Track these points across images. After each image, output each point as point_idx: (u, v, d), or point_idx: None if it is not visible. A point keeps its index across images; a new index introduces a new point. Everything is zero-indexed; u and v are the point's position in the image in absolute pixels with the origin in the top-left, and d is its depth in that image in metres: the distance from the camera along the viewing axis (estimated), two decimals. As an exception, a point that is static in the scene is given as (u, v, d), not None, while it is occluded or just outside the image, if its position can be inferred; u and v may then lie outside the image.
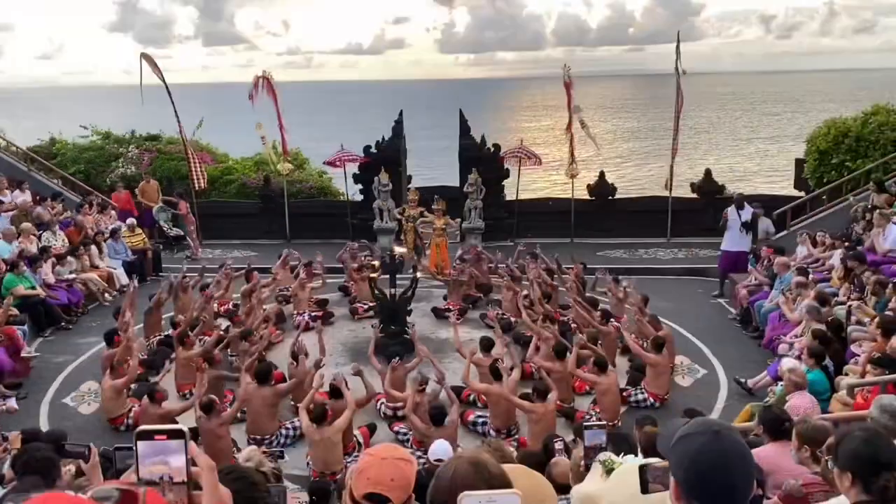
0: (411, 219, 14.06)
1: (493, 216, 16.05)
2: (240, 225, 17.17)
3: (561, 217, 16.54)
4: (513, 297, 10.91)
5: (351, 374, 7.87)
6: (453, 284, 11.66)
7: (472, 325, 11.12)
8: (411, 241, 14.14)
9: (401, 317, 9.89)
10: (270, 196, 17.18)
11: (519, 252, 11.81)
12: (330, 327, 11.13)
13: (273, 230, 17.14)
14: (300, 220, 17.02)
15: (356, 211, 16.71)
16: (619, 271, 13.43)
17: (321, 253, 13.23)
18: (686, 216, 16.11)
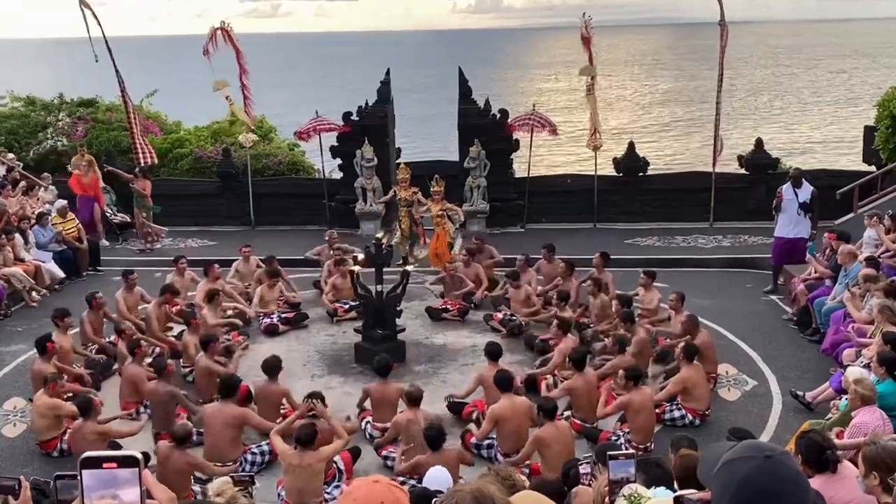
0: (405, 203, 14.12)
1: (499, 197, 16.08)
2: (194, 208, 17.20)
3: (582, 198, 16.58)
4: (525, 297, 10.97)
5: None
6: (451, 280, 11.71)
7: (476, 328, 11.20)
8: (406, 230, 14.18)
9: (389, 318, 9.94)
10: (231, 173, 17.19)
11: (519, 263, 11.81)
12: (304, 332, 11.19)
13: (234, 214, 17.17)
14: (267, 203, 17.05)
15: (334, 191, 16.74)
16: (651, 263, 13.54)
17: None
18: (733, 196, 16.13)
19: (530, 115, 16.03)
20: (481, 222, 15.76)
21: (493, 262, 12.60)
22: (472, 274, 12.00)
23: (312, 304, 12.03)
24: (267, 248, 13.85)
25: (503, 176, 16.34)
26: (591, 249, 13.07)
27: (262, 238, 15.67)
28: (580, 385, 8.09)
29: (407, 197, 14.07)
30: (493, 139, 15.87)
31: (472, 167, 15.50)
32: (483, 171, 15.57)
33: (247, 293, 11.94)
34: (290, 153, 19.79)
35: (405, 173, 14.18)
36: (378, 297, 9.93)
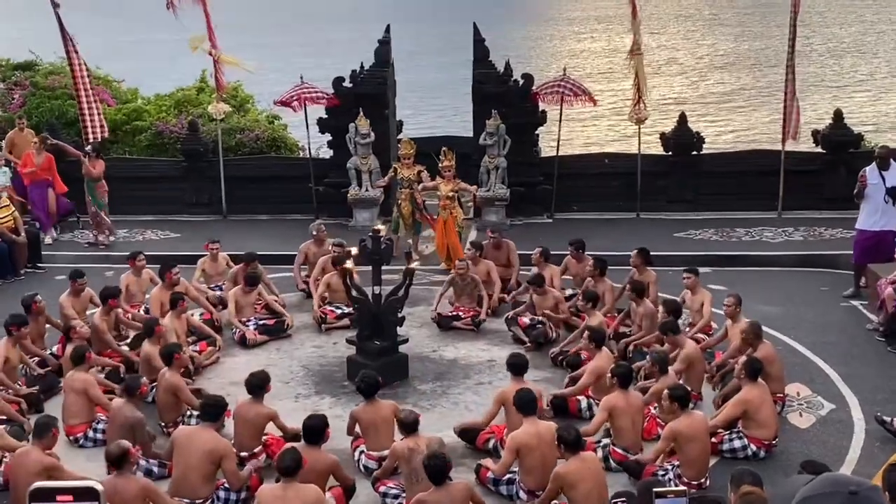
0: (407, 182, 14.14)
1: (522, 180, 16.10)
2: (154, 193, 17.28)
3: (622, 181, 16.57)
4: (553, 305, 10.98)
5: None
6: (461, 283, 11.73)
7: (493, 338, 11.23)
8: (409, 216, 14.22)
9: (388, 327, 9.97)
10: (198, 151, 17.25)
11: (535, 258, 11.80)
12: (286, 342, 11.25)
13: (201, 201, 17.26)
14: (241, 187, 17.12)
15: (323, 173, 16.81)
16: (706, 261, 13.52)
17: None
18: (806, 180, 16.10)
19: (560, 82, 16.01)
20: (500, 211, 15.77)
21: (505, 264, 12.56)
22: (482, 273, 12.03)
23: (297, 309, 12.08)
24: (241, 242, 13.91)
25: (527, 155, 16.34)
26: (634, 244, 13.03)
27: (235, 229, 15.74)
28: (622, 405, 8.07)
29: (410, 176, 14.09)
30: (514, 111, 15.87)
31: (488, 144, 15.50)
32: (502, 150, 15.57)
33: (217, 297, 12.00)
34: (270, 127, 19.87)
35: (409, 148, 14.23)
36: (375, 302, 9.96)
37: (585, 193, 16.61)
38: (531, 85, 16.28)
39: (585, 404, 9.07)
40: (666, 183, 16.55)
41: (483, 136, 15.57)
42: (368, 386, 8.16)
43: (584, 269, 11.82)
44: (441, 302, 11.78)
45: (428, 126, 29.73)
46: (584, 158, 18.26)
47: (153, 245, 15.03)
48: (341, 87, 16.42)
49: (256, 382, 8.23)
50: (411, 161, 14.17)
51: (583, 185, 16.64)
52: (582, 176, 16.72)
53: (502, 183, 15.64)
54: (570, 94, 15.85)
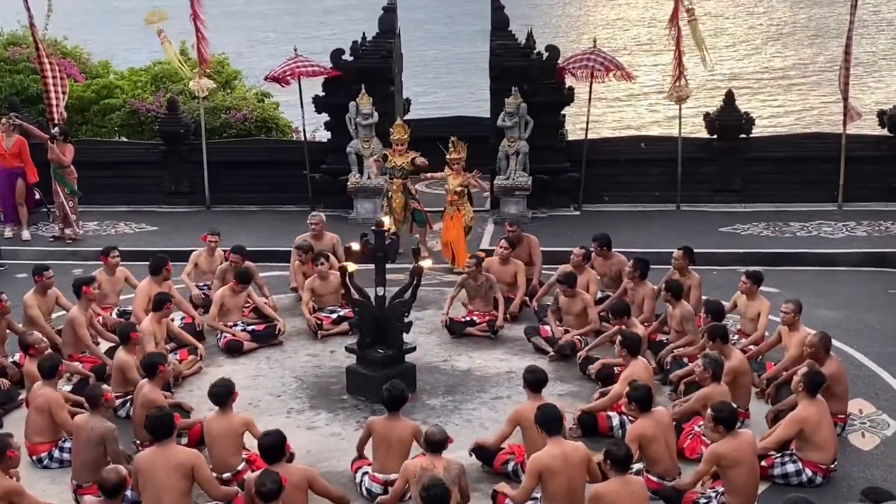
0: (399, 172, 14.19)
1: (546, 167, 16.13)
2: (128, 181, 17.39)
3: (660, 169, 16.58)
4: (581, 309, 10.95)
5: None
6: (476, 283, 11.72)
7: (512, 346, 11.24)
8: (400, 209, 14.22)
9: (393, 333, 9.98)
10: (178, 133, 17.32)
11: (575, 259, 11.78)
12: (277, 350, 11.29)
13: (181, 190, 17.36)
14: (227, 174, 17.20)
15: (319, 158, 16.86)
16: (757, 259, 13.48)
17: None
18: (871, 167, 16.07)
19: (590, 55, 16.00)
20: (520, 202, 15.78)
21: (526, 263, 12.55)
22: (510, 274, 12.03)
23: (289, 314, 12.12)
24: (225, 236, 13.88)
25: (551, 138, 16.36)
26: (673, 241, 12.93)
27: (219, 222, 15.65)
28: (650, 433, 8.02)
29: (404, 164, 14.11)
30: (537, 88, 15.90)
31: (508, 126, 15.51)
32: (523, 132, 15.58)
33: (202, 296, 12.09)
34: (259, 106, 19.95)
35: (401, 133, 14.21)
36: (379, 304, 9.97)
37: (618, 182, 16.63)
38: (557, 58, 16.29)
39: (618, 422, 9.03)
40: (710, 170, 16.53)
41: (501, 116, 15.58)
42: (393, 398, 8.13)
43: (610, 268, 11.82)
44: (453, 305, 11.79)
45: (439, 105, 29.79)
46: (617, 142, 18.24)
47: (126, 239, 15.10)
48: (340, 60, 16.45)
49: (222, 392, 8.23)
50: (404, 148, 14.18)
51: (615, 173, 16.65)
52: (614, 162, 16.72)
53: (523, 170, 15.64)
54: (601, 68, 15.82)
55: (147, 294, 10.97)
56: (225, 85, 20.45)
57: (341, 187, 16.06)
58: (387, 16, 16.89)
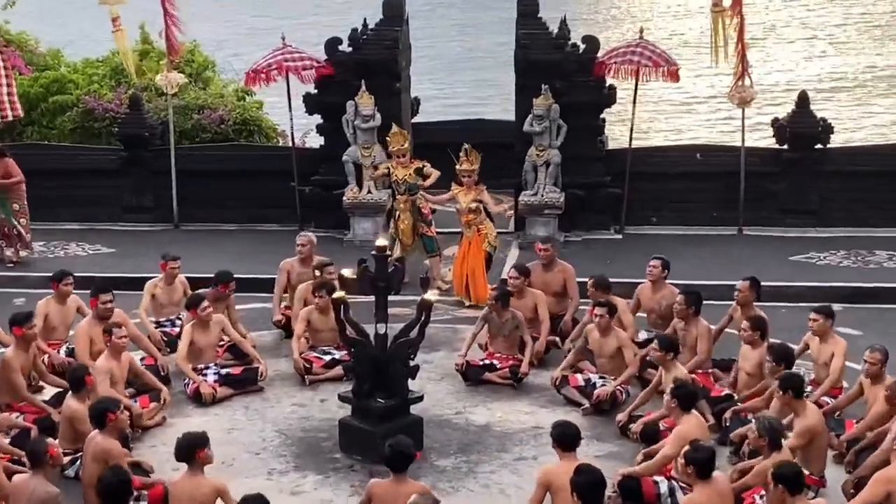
0: (404, 186, 14.17)
1: (581, 181, 16.13)
2: (80, 193, 17.44)
3: (719, 185, 16.58)
4: (615, 349, 10.91)
5: None
6: (499, 321, 11.68)
7: (539, 397, 11.22)
8: (409, 233, 14.25)
9: (396, 379, 9.94)
10: (142, 137, 17.37)
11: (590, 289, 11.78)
12: (257, 398, 11.30)
13: (145, 204, 17.41)
14: (199, 186, 17.26)
15: (311, 168, 16.91)
16: (834, 294, 13.36)
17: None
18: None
19: (636, 48, 16.06)
20: (550, 222, 15.75)
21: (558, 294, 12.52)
22: (528, 308, 12.00)
23: (272, 353, 12.12)
24: (197, 261, 13.96)
25: (588, 147, 16.37)
26: (734, 271, 12.91)
27: (189, 243, 15.83)
28: (708, 502, 8.00)
29: (406, 178, 14.13)
30: (572, 86, 15.93)
31: (536, 132, 15.52)
32: (555, 139, 15.59)
33: (163, 339, 12.08)
34: (239, 105, 20.00)
35: (400, 142, 14.21)
36: (379, 344, 9.95)
37: (668, 200, 16.67)
38: (596, 51, 16.34)
39: (666, 488, 8.97)
40: (779, 187, 16.53)
41: (529, 120, 15.61)
42: (398, 455, 8.07)
43: (660, 302, 11.77)
44: (470, 346, 11.76)
45: (454, 106, 29.81)
46: (667, 152, 18.24)
47: (79, 263, 15.09)
48: (337, 51, 16.54)
49: (186, 446, 8.17)
50: (406, 159, 14.20)
51: (665, 189, 16.69)
52: (664, 176, 16.74)
53: (554, 184, 15.66)
54: (648, 63, 15.87)
55: (87, 336, 10.93)
56: (197, 78, 20.51)
57: (336, 203, 16.09)
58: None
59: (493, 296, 11.70)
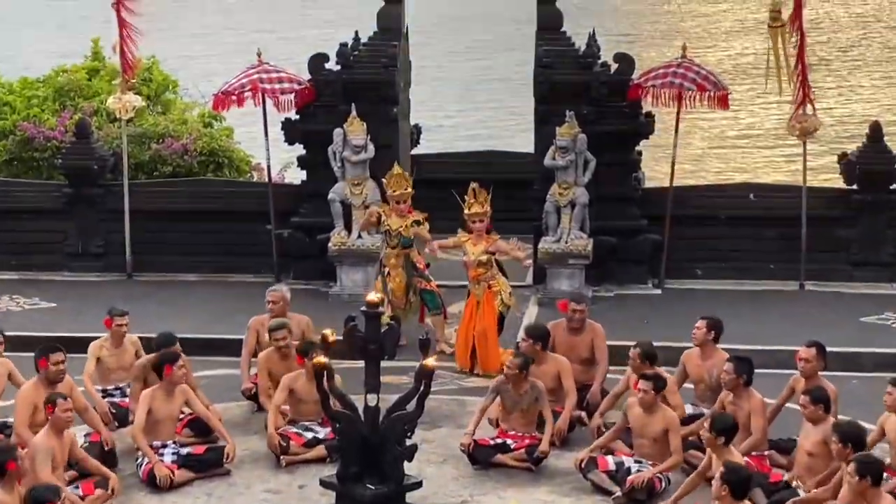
0: (397, 239, 14.16)
1: (613, 225, 16.18)
2: (17, 237, 17.48)
3: (777, 231, 16.60)
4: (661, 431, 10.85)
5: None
6: (515, 394, 11.62)
7: (562, 483, 11.16)
8: (400, 293, 14.25)
9: (390, 461, 9.89)
10: (89, 170, 17.38)
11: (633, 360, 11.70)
12: (223, 483, 11.26)
13: (92, 250, 17.40)
14: (157, 229, 17.29)
15: (290, 207, 16.95)
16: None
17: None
18: None
19: (676, 67, 16.12)
20: (576, 275, 15.73)
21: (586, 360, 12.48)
22: (549, 376, 11.92)
23: (241, 430, 12.10)
24: (153, 319, 13.96)
25: (621, 185, 16.40)
26: (795, 334, 12.87)
27: (145, 297, 15.91)
28: None
29: (401, 229, 14.11)
30: (602, 112, 16.00)
31: (560, 166, 15.53)
32: (582, 175, 15.59)
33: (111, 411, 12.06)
34: (206, 133, 20.05)
35: (400, 185, 14.19)
36: (370, 419, 9.92)
37: (716, 249, 16.68)
38: (630, 72, 16.41)
39: None
40: (849, 234, 16.55)
41: (551, 152, 15.64)
42: None
43: (710, 371, 11.70)
44: (479, 422, 11.70)
45: (462, 135, 29.99)
46: (716, 193, 18.20)
47: (13, 319, 15.12)
48: (323, 69, 16.61)
49: None
50: (405, 205, 14.20)
51: (712, 236, 16.72)
52: (711, 221, 16.78)
53: (580, 229, 15.65)
54: (692, 87, 15.92)
55: (31, 402, 10.87)
56: (155, 100, 20.57)
57: (320, 249, 16.13)
58: (389, 9, 16.99)
59: (513, 363, 11.60)
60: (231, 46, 37.53)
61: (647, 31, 54.81)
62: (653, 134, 16.75)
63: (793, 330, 13.78)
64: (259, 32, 42.77)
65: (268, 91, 16.33)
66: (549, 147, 15.70)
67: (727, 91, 16.27)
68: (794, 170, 16.65)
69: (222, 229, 17.20)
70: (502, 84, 36.51)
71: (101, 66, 21.31)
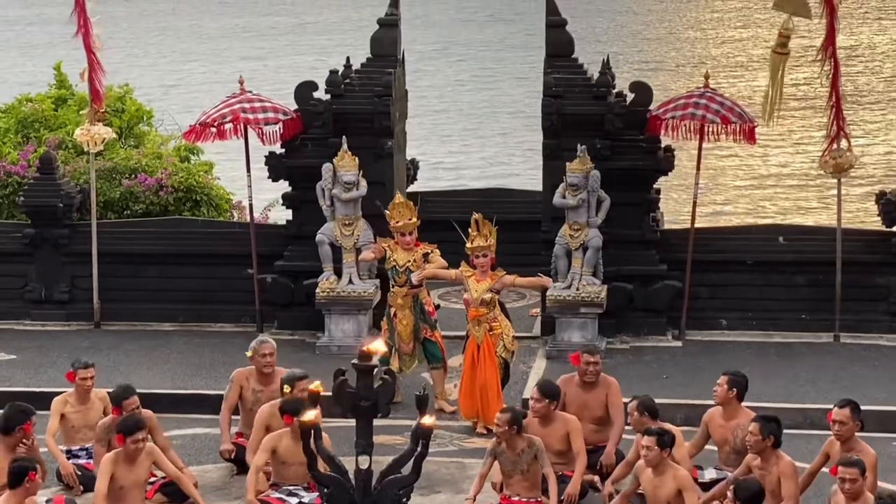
0: (404, 275, 14.12)
1: (629, 270, 16.20)
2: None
3: (809, 277, 16.61)
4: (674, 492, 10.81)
5: None
6: (511, 454, 11.57)
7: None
8: (408, 335, 14.22)
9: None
10: (53, 209, 17.39)
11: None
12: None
13: (56, 297, 17.40)
14: (129, 273, 17.30)
15: (274, 250, 16.95)
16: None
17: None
18: None
19: (699, 97, 16.17)
20: (588, 326, 15.71)
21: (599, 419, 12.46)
22: (557, 437, 11.90)
23: (219, 495, 12.05)
24: (123, 371, 13.95)
25: (638, 226, 16.40)
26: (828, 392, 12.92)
27: (114, 349, 15.93)
28: None
29: (409, 263, 14.10)
30: (617, 147, 16.04)
31: (570, 205, 15.53)
32: (595, 215, 15.58)
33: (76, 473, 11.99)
34: (182, 168, 20.06)
35: (405, 216, 14.16)
36: (361, 483, 9.89)
37: (742, 297, 16.66)
38: (648, 102, 16.47)
39: None
40: (888, 281, 16.54)
41: (561, 190, 15.64)
42: None
43: (736, 431, 11.67)
44: (480, 489, 11.67)
45: (465, 171, 30.07)
46: (742, 235, 18.24)
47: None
48: (311, 99, 16.64)
49: None
50: (411, 237, 14.20)
51: (738, 283, 16.71)
52: (736, 266, 16.78)
53: (593, 275, 15.64)
54: (716, 118, 15.94)
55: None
56: (127, 132, 20.59)
57: (307, 296, 16.14)
58: (384, 33, 17.03)
59: (501, 419, 11.53)
60: (214, 75, 37.68)
61: (671, 57, 55.05)
62: (672, 170, 16.76)
63: (826, 387, 13.80)
64: (245, 60, 42.97)
65: (250, 122, 16.36)
66: (559, 184, 15.70)
67: (754, 123, 16.25)
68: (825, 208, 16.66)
69: (199, 274, 17.19)
70: (510, 116, 36.63)
71: (68, 94, 21.34)
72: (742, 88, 42.91)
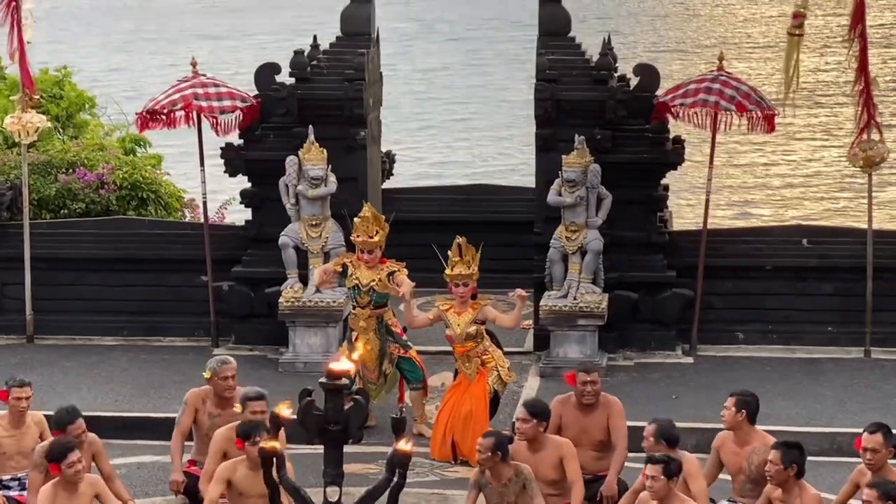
0: (368, 296, 14.12)
1: (633, 277, 16.24)
2: None
3: (836, 285, 16.66)
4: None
5: None
6: (497, 485, 11.56)
7: None
8: (372, 361, 14.15)
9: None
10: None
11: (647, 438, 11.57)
12: None
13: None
14: (66, 280, 17.31)
15: (231, 254, 16.96)
16: None
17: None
18: None
19: (711, 82, 16.21)
20: (587, 339, 15.72)
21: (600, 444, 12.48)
22: (547, 467, 11.89)
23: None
24: (59, 391, 13.93)
25: (642, 227, 16.44)
26: (857, 414, 12.95)
27: (49, 365, 15.94)
28: None
29: (373, 283, 14.01)
30: (620, 138, 16.07)
31: (567, 204, 15.54)
32: (595, 215, 15.61)
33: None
34: (127, 162, 20.06)
35: (371, 229, 13.97)
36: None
37: (761, 308, 16.70)
38: (655, 87, 16.51)
39: None
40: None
41: (556, 186, 15.67)
42: None
43: (752, 458, 11.69)
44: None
45: (446, 164, 30.11)
46: (760, 237, 18.24)
47: None
48: (273, 83, 16.64)
49: None
50: (376, 256, 14.22)
51: (756, 291, 16.76)
52: (754, 272, 16.84)
53: (593, 282, 15.67)
54: (730, 106, 15.97)
55: None
56: (65, 122, 20.58)
57: (268, 306, 16.18)
58: (356, 8, 17.02)
59: (483, 444, 11.49)
60: (167, 57, 37.65)
61: (675, 38, 55.20)
62: (682, 164, 16.80)
63: (855, 408, 13.84)
64: (204, 39, 42.94)
65: (204, 109, 16.33)
66: (554, 180, 15.71)
67: (773, 111, 16.23)
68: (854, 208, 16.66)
69: (146, 281, 17.18)
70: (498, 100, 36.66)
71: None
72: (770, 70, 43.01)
